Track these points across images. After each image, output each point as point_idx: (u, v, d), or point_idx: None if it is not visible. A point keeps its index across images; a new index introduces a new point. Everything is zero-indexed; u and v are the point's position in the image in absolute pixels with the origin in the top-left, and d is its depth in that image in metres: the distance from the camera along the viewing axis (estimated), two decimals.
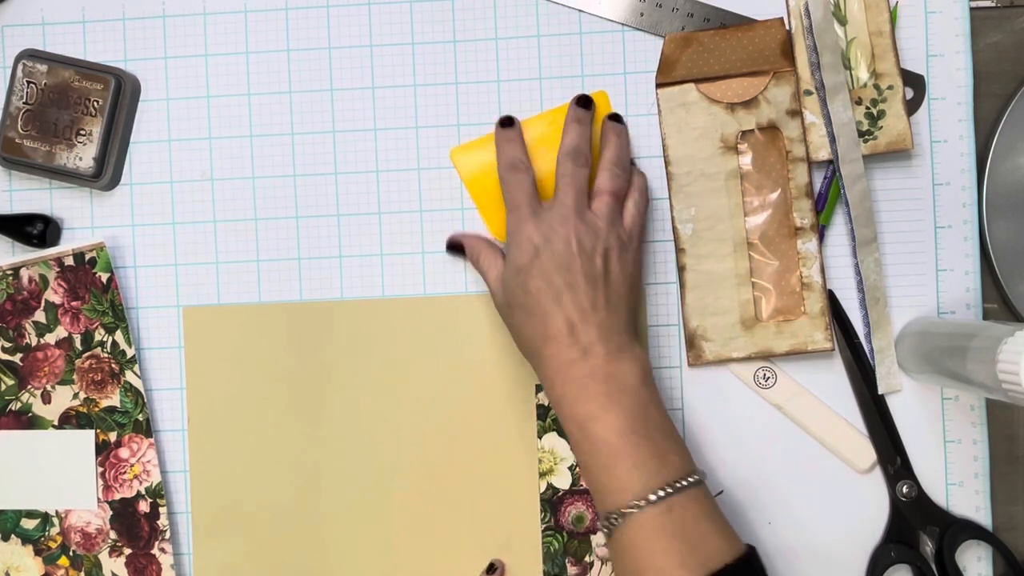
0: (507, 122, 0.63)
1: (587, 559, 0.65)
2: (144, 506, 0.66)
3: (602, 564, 0.65)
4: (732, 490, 0.65)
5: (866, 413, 0.64)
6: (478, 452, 0.66)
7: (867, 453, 0.64)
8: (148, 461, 0.66)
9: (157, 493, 0.66)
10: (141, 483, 0.66)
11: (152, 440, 0.66)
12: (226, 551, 0.66)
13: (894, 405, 0.64)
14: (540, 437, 0.65)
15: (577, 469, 0.65)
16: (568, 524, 0.65)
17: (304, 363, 0.66)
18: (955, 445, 0.64)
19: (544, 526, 0.65)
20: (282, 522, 0.66)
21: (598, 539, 0.65)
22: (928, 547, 0.63)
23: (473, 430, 0.66)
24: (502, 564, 0.65)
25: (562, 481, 0.65)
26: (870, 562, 0.64)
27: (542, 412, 0.65)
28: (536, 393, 0.65)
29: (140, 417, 0.66)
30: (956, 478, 0.64)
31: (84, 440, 0.66)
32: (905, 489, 0.63)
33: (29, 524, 0.67)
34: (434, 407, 0.66)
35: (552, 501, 0.65)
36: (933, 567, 0.63)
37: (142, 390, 0.66)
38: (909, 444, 0.64)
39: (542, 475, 0.65)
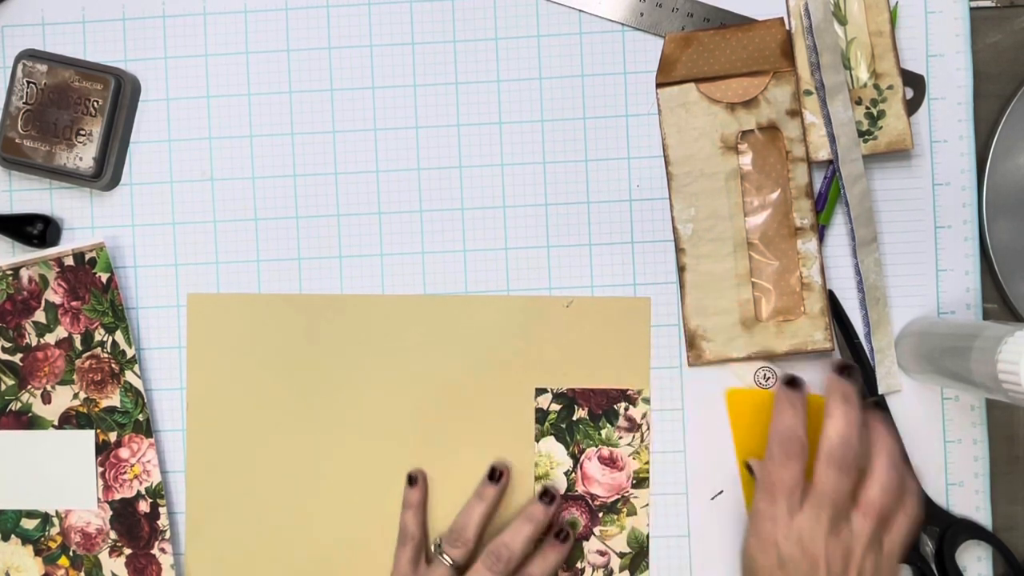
0: (792, 383, 0.59)
1: (579, 565, 0.65)
2: (144, 506, 0.66)
3: (594, 570, 0.65)
4: (732, 490, 0.65)
5: None
6: (475, 453, 0.65)
7: None
8: (148, 461, 0.66)
9: (157, 493, 0.66)
10: (141, 483, 0.66)
11: (152, 440, 0.66)
12: (220, 543, 0.66)
13: (894, 405, 0.64)
14: (537, 441, 0.65)
15: (573, 475, 0.65)
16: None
17: (304, 356, 0.66)
18: (955, 445, 0.64)
19: None
20: (277, 515, 0.66)
21: (591, 545, 0.65)
22: (928, 547, 0.63)
23: (471, 431, 0.65)
24: (507, 469, 0.65)
25: (558, 486, 0.65)
26: None
27: (540, 415, 0.65)
28: (535, 396, 0.65)
29: (140, 417, 0.66)
30: (956, 478, 0.64)
31: (84, 440, 0.66)
32: None
33: (29, 524, 0.67)
34: (432, 406, 0.66)
35: None
36: (933, 567, 0.63)
37: (142, 390, 0.66)
38: (909, 444, 0.64)
39: (537, 479, 0.65)
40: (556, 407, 0.65)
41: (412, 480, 0.65)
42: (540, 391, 0.65)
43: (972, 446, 0.64)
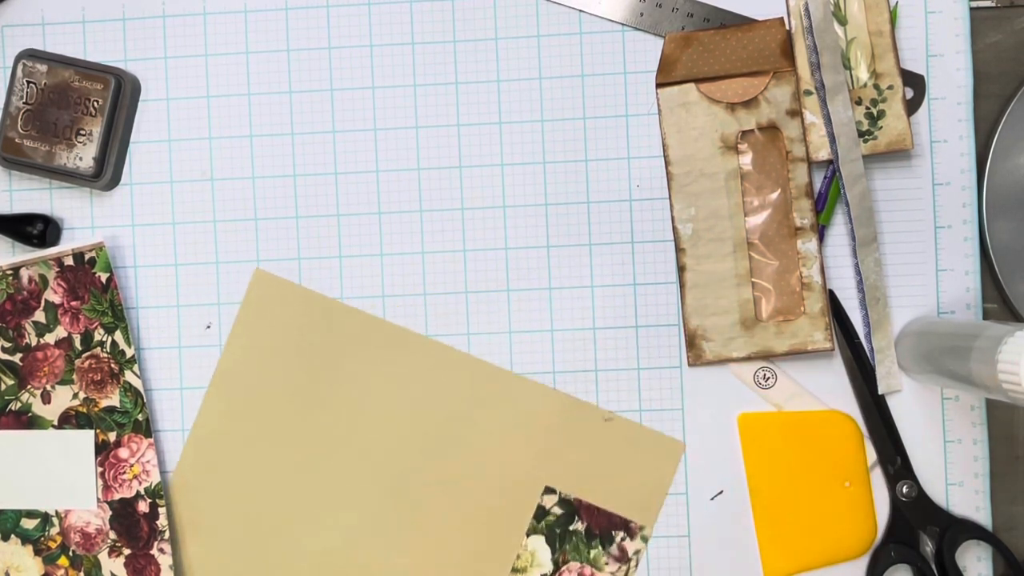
0: None
1: None
2: (143, 506, 0.66)
3: None
4: (732, 490, 0.65)
5: (866, 413, 0.64)
6: (465, 520, 0.64)
7: (867, 453, 0.64)
8: (147, 461, 0.66)
9: (156, 493, 0.66)
10: (140, 483, 0.66)
11: (152, 440, 0.66)
12: (210, 541, 0.66)
13: (894, 405, 0.64)
14: (528, 535, 0.65)
15: None
16: None
17: (335, 370, 0.65)
18: (955, 445, 0.64)
19: None
20: (267, 521, 0.66)
21: None
22: (928, 547, 0.63)
23: (470, 499, 0.64)
24: None
25: None
26: (870, 562, 0.64)
27: (540, 513, 0.64)
28: (543, 493, 0.65)
29: (140, 417, 0.66)
30: (956, 478, 0.64)
31: (84, 440, 0.66)
32: (905, 489, 0.64)
33: (29, 524, 0.67)
34: (441, 460, 0.65)
35: None
36: (933, 567, 0.63)
37: (141, 390, 0.66)
38: (909, 444, 0.64)
39: (515, 570, 0.64)
40: (558, 511, 0.64)
41: None
42: (549, 490, 0.64)
43: (972, 446, 0.64)
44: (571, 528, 0.64)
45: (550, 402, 0.65)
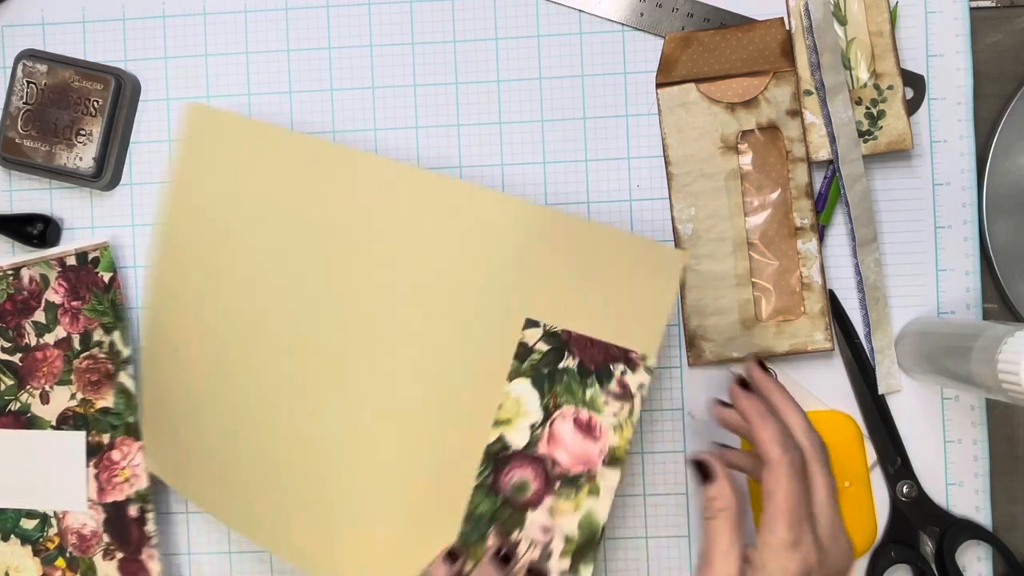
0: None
1: (515, 535, 0.55)
2: (133, 511, 0.65)
3: (531, 546, 0.55)
4: None
5: (866, 413, 0.64)
6: (436, 365, 0.56)
7: (867, 453, 0.64)
8: (136, 465, 0.65)
9: (144, 498, 0.65)
10: (132, 487, 0.65)
11: (141, 443, 0.65)
12: (176, 428, 0.62)
13: (894, 405, 0.64)
14: (510, 380, 0.55)
15: (539, 431, 0.55)
16: (507, 489, 0.55)
17: (290, 209, 0.58)
18: (955, 445, 0.64)
19: (479, 481, 0.55)
20: (234, 383, 0.59)
21: (536, 516, 0.55)
22: (928, 547, 0.63)
23: (440, 339, 0.56)
24: (465, 551, 0.55)
25: (518, 438, 0.55)
26: (870, 562, 0.64)
27: (523, 352, 0.55)
28: (524, 327, 0.55)
29: (131, 419, 0.65)
30: (956, 478, 0.64)
31: (76, 441, 0.65)
32: (905, 489, 0.64)
33: (28, 524, 0.66)
34: (406, 295, 0.56)
35: (498, 457, 0.55)
36: (933, 567, 0.63)
37: (134, 392, 0.65)
38: (909, 444, 0.64)
39: (498, 423, 0.55)
40: (543, 347, 0.55)
41: (453, 556, 0.55)
42: (531, 323, 0.55)
43: (972, 446, 0.64)
44: (561, 366, 0.55)
45: (530, 217, 0.55)
